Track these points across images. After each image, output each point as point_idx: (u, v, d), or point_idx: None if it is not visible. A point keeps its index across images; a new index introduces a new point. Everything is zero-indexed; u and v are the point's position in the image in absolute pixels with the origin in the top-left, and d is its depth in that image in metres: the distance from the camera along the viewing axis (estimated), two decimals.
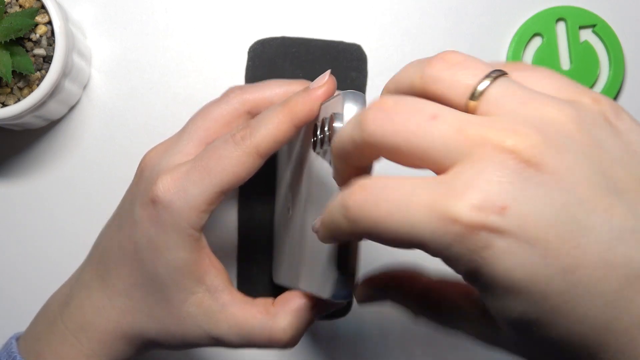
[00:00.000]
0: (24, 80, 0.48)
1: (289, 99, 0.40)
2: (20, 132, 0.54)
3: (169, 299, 0.40)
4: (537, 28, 0.54)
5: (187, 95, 0.54)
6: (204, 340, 0.41)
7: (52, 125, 0.54)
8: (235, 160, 0.39)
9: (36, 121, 0.52)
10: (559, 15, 0.54)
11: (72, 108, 0.54)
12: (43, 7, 0.48)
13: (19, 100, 0.48)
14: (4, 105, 0.48)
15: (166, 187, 0.40)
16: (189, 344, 0.41)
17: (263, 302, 0.41)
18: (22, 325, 0.54)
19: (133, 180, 0.44)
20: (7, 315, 0.54)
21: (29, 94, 0.47)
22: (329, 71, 0.40)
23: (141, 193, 0.41)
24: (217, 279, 0.41)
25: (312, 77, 0.41)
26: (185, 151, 0.42)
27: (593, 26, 0.54)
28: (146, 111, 0.54)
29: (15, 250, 0.54)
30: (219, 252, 0.44)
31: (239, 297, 0.41)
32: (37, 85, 0.47)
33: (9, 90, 0.48)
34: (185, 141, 0.42)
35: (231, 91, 0.44)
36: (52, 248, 0.54)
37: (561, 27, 0.54)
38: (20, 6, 0.48)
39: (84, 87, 0.54)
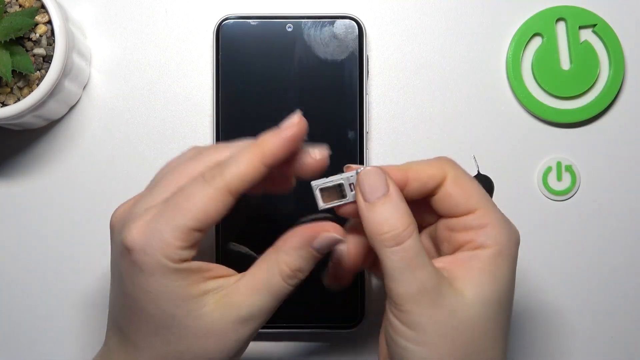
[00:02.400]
0: (24, 79, 0.48)
1: (260, 139, 0.40)
2: (20, 132, 0.54)
3: (187, 326, 0.39)
4: (537, 28, 0.54)
5: (187, 95, 0.54)
6: (237, 332, 0.40)
7: (52, 125, 0.54)
8: (206, 198, 0.38)
9: (36, 121, 0.52)
10: (559, 15, 0.54)
11: (72, 108, 0.54)
12: (43, 6, 0.48)
13: (19, 100, 0.48)
14: (4, 105, 0.48)
15: (138, 231, 0.39)
16: (230, 351, 0.40)
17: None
18: (22, 324, 0.54)
19: (110, 240, 0.43)
20: (7, 315, 0.54)
21: (29, 93, 0.47)
22: (299, 112, 0.40)
23: (117, 246, 0.41)
24: (220, 281, 0.40)
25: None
26: (158, 200, 0.40)
27: (593, 26, 0.54)
28: (146, 111, 0.54)
29: (15, 250, 0.54)
30: None
31: (240, 274, 0.41)
32: (37, 85, 0.47)
33: (9, 90, 0.48)
34: (157, 194, 0.40)
35: (199, 152, 0.42)
36: (52, 248, 0.54)
37: (561, 27, 0.54)
38: (20, 6, 0.48)
39: (84, 87, 0.54)
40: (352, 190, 0.40)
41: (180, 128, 0.54)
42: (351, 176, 0.40)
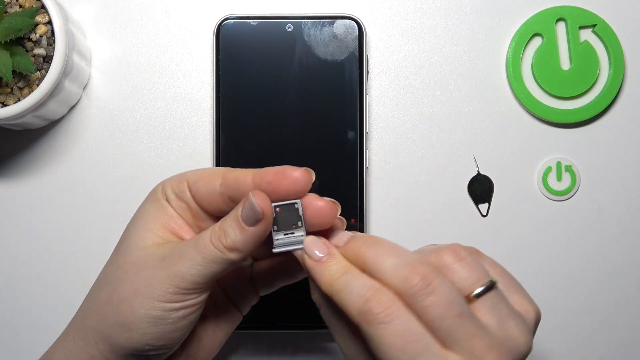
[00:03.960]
0: (24, 80, 0.48)
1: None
2: (20, 132, 0.54)
3: (131, 247, 0.42)
4: (537, 28, 0.54)
5: (187, 95, 0.54)
6: (153, 267, 0.40)
7: (52, 125, 0.54)
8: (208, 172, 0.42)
9: (36, 121, 0.52)
10: (559, 15, 0.54)
11: (72, 108, 0.54)
12: (43, 7, 0.48)
13: (19, 100, 0.48)
14: (4, 105, 0.48)
15: (168, 178, 0.43)
16: (142, 292, 0.40)
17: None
18: (22, 324, 0.54)
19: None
20: (8, 315, 0.54)
21: (29, 93, 0.47)
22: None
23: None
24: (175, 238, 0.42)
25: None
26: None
27: (593, 26, 0.54)
28: (146, 111, 0.54)
29: (15, 250, 0.54)
30: None
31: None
32: (37, 85, 0.47)
33: (9, 90, 0.48)
34: None
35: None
36: (52, 248, 0.54)
37: (561, 27, 0.54)
38: (20, 6, 0.48)
39: (84, 87, 0.54)
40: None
41: (180, 128, 0.54)
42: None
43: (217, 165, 0.52)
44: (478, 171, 0.54)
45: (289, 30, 0.52)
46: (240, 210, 0.39)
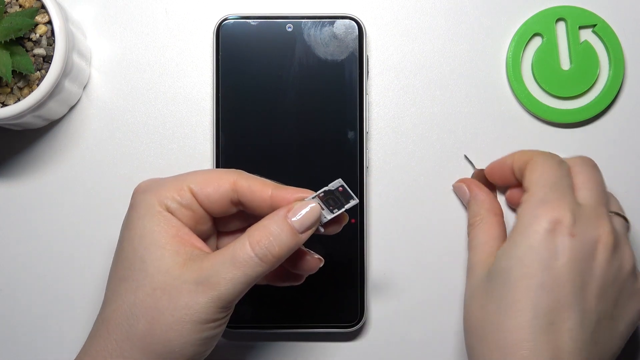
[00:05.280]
0: (24, 80, 0.48)
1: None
2: (20, 132, 0.54)
3: (148, 274, 0.40)
4: (537, 28, 0.54)
5: (187, 95, 0.54)
6: (190, 293, 0.39)
7: (52, 125, 0.54)
8: (212, 173, 0.43)
9: (36, 121, 0.52)
10: (559, 15, 0.54)
11: (72, 108, 0.54)
12: (43, 7, 0.48)
13: (19, 100, 0.48)
14: (4, 105, 0.48)
15: (148, 181, 0.44)
16: (183, 319, 0.40)
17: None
18: (22, 324, 0.54)
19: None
20: (8, 315, 0.54)
21: (29, 93, 0.47)
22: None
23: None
24: (195, 251, 0.41)
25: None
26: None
27: (593, 26, 0.54)
28: (146, 111, 0.54)
29: (15, 250, 0.54)
30: None
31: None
32: (37, 85, 0.48)
33: (9, 90, 0.48)
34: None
35: None
36: (52, 248, 0.54)
37: (561, 27, 0.54)
38: (20, 6, 0.48)
39: (84, 87, 0.54)
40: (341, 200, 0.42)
41: (180, 128, 0.54)
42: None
43: (217, 165, 0.52)
44: (474, 168, 0.54)
45: (289, 30, 0.52)
46: (293, 219, 0.40)
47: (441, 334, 0.54)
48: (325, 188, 0.42)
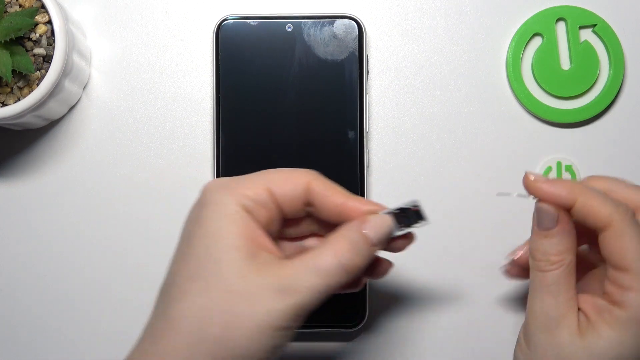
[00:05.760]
0: (24, 79, 0.48)
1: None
2: (20, 132, 0.54)
3: (224, 277, 0.39)
4: (537, 28, 0.54)
5: (187, 95, 0.54)
6: (270, 301, 0.38)
7: (52, 125, 0.54)
8: (288, 172, 0.42)
9: (36, 121, 0.52)
10: (559, 15, 0.54)
11: (72, 108, 0.54)
12: (43, 6, 0.48)
13: (19, 99, 0.48)
14: (4, 104, 0.48)
15: (218, 180, 0.42)
16: (261, 325, 0.38)
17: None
18: (22, 324, 0.54)
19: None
20: (8, 315, 0.54)
21: (29, 93, 0.47)
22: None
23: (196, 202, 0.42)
24: (270, 255, 0.40)
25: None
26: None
27: (593, 26, 0.54)
28: (146, 111, 0.54)
29: (15, 250, 0.54)
30: None
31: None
32: (37, 84, 0.48)
33: (9, 89, 0.48)
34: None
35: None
36: (52, 248, 0.54)
37: (561, 27, 0.54)
38: (20, 6, 0.48)
39: (84, 87, 0.54)
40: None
41: (180, 128, 0.54)
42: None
43: (217, 165, 0.52)
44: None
45: (289, 30, 0.52)
46: (368, 232, 0.41)
47: (442, 335, 0.54)
48: (401, 205, 0.42)
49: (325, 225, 0.43)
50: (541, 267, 0.42)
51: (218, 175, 0.52)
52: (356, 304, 0.52)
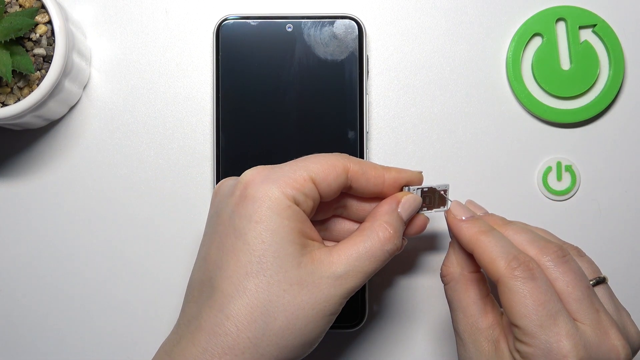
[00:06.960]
0: (24, 79, 0.48)
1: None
2: (20, 132, 0.54)
3: (284, 270, 0.40)
4: (537, 28, 0.54)
5: (187, 95, 0.54)
6: (330, 288, 0.40)
7: (52, 125, 0.54)
8: (325, 161, 0.42)
9: (36, 121, 0.52)
10: (559, 15, 0.54)
11: (72, 108, 0.54)
12: (43, 6, 0.48)
13: (19, 99, 0.48)
14: (4, 105, 0.48)
15: (257, 170, 0.42)
16: (322, 311, 0.40)
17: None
18: (22, 324, 0.54)
19: (210, 205, 0.44)
20: (8, 315, 0.54)
21: (29, 93, 0.47)
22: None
23: (224, 196, 0.42)
24: (317, 243, 0.42)
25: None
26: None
27: (593, 26, 0.54)
28: (146, 111, 0.54)
29: (15, 250, 0.54)
30: None
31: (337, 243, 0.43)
32: (37, 85, 0.48)
33: (9, 90, 0.48)
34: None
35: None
36: (52, 248, 0.54)
37: (561, 27, 0.54)
38: (20, 6, 0.48)
39: (84, 87, 0.54)
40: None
41: (180, 128, 0.54)
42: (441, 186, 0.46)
43: (217, 165, 0.52)
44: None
45: (289, 30, 0.52)
46: (401, 211, 0.44)
47: (442, 335, 0.54)
48: (433, 185, 0.45)
49: (349, 207, 0.46)
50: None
51: (218, 175, 0.52)
52: (356, 304, 0.52)
